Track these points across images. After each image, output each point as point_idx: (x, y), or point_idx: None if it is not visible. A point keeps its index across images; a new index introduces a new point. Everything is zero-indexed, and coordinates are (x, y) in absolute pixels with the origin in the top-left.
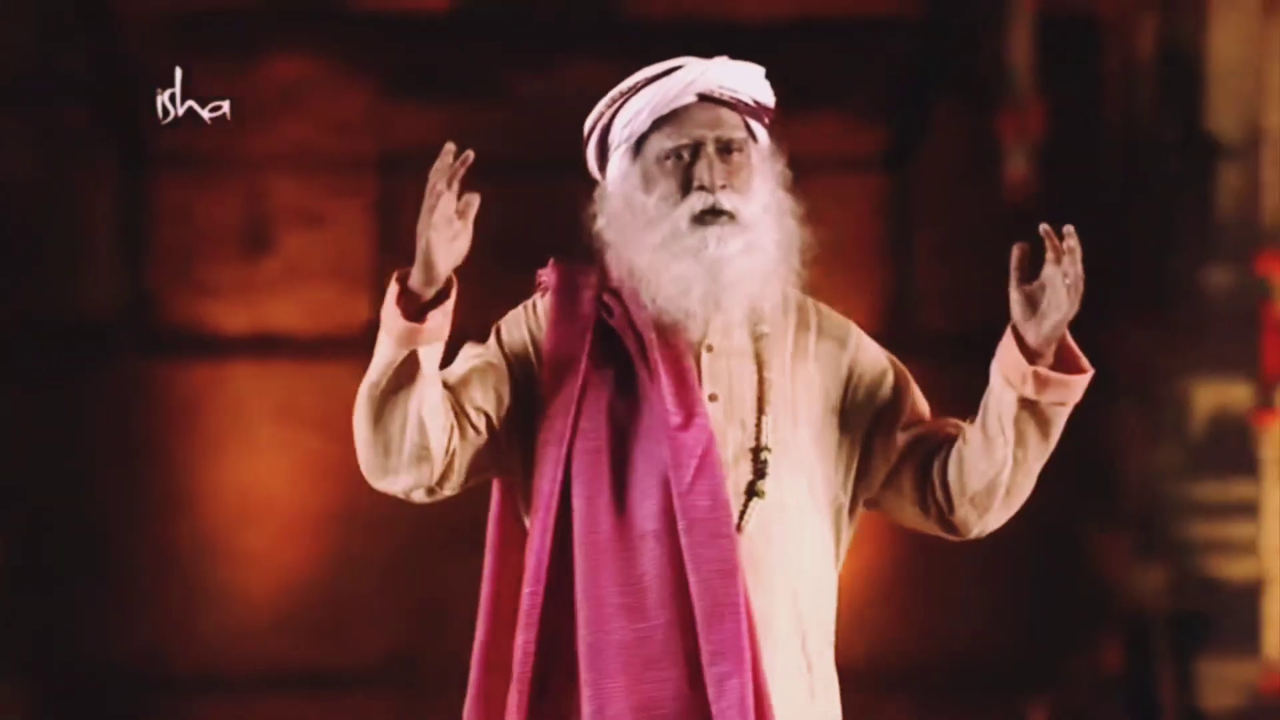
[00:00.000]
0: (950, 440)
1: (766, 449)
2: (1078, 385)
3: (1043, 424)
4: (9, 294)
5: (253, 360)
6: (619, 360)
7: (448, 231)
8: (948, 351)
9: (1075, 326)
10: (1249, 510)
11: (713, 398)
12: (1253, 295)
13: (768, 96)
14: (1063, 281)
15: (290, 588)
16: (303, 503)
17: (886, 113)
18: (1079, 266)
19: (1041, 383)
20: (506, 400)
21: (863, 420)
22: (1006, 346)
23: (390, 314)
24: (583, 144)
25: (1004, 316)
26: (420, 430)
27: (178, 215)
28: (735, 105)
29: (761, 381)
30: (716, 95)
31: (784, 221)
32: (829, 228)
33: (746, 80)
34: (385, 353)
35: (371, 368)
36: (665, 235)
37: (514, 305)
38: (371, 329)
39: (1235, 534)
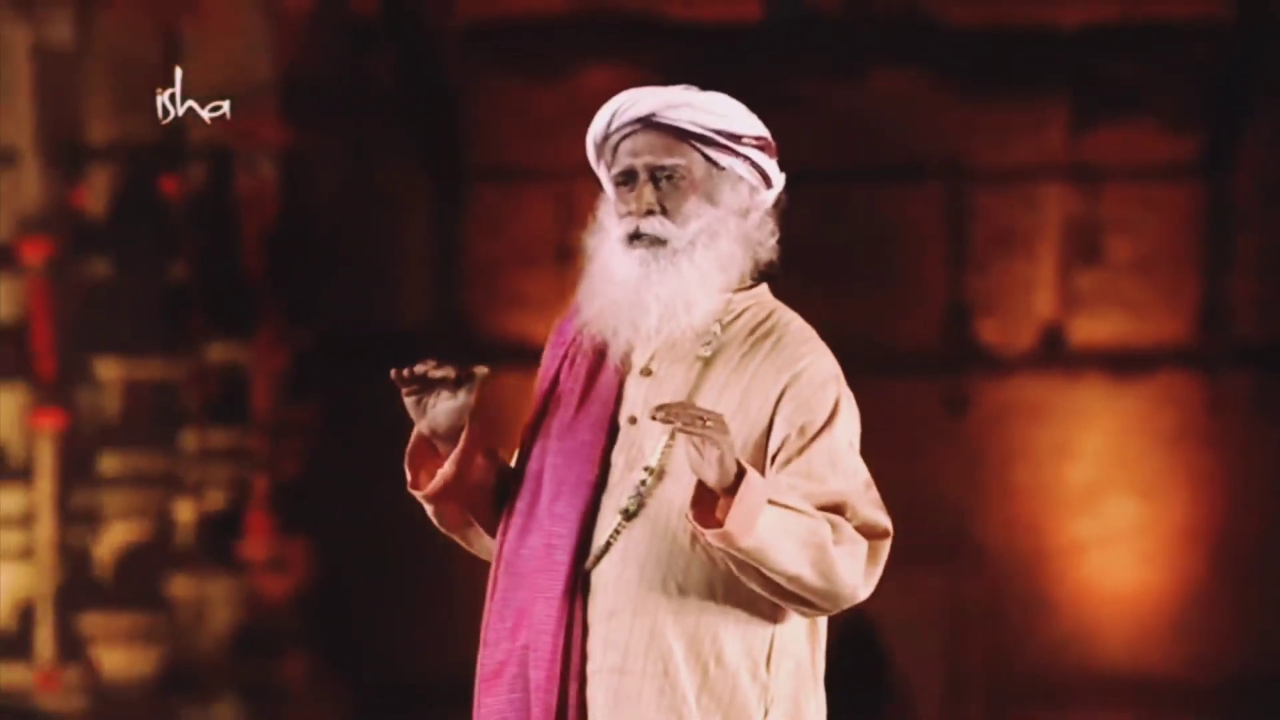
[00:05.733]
0: None
1: (648, 469)
2: (725, 537)
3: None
4: (321, 307)
5: None
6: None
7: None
8: (1263, 362)
9: None
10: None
11: (632, 420)
12: None
13: (729, 124)
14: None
15: None
16: None
17: (1201, 118)
18: (690, 412)
19: (701, 535)
20: None
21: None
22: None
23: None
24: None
25: None
26: (481, 529)
27: (492, 228)
28: (683, 133)
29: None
30: (656, 121)
31: (722, 246)
32: (1143, 237)
33: (693, 109)
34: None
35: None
36: (602, 259)
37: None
38: None
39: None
